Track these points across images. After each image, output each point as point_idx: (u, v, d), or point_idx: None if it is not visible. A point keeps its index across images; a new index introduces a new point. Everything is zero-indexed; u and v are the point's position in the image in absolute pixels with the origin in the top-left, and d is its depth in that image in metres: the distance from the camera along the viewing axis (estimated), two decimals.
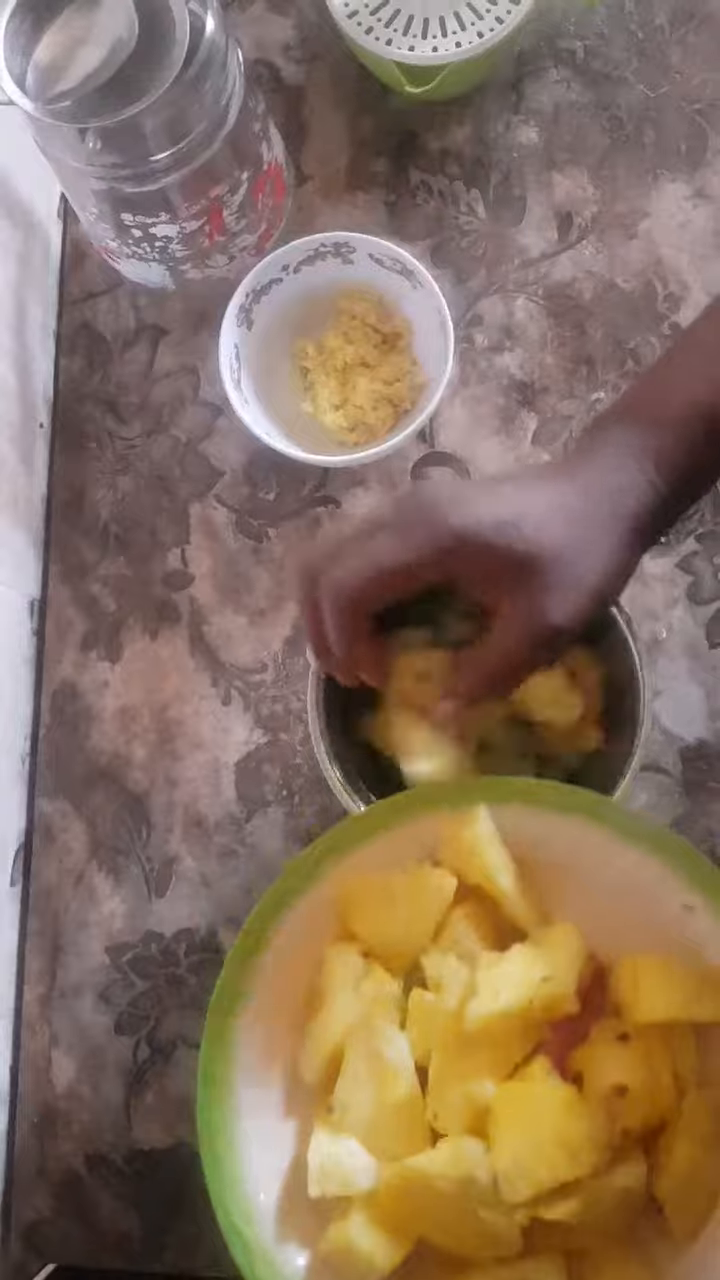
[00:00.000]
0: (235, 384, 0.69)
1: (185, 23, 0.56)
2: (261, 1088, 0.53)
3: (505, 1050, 0.50)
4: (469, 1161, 0.47)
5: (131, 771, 0.72)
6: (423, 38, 0.69)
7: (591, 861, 0.52)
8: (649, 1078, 0.49)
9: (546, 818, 0.52)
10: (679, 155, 0.74)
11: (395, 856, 0.53)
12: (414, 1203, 0.48)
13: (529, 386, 0.73)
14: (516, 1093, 0.49)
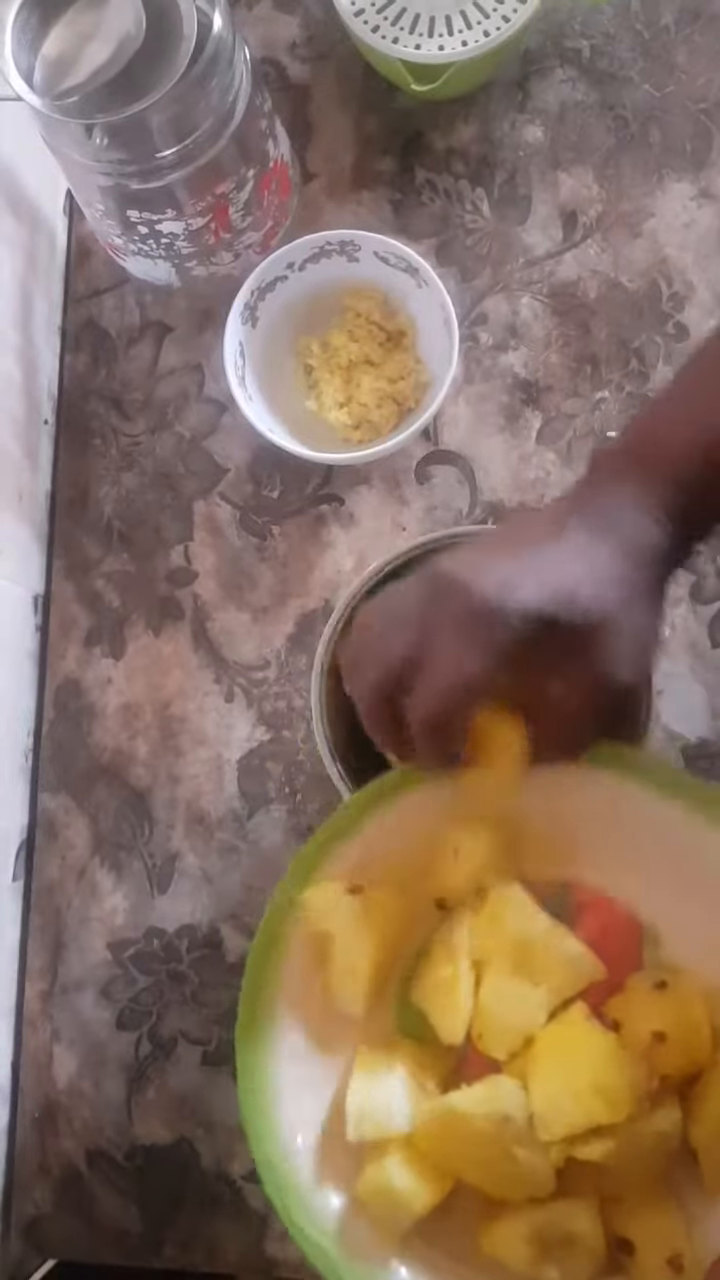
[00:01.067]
0: (240, 381, 0.70)
1: (193, 19, 0.56)
2: (299, 1031, 0.53)
3: (557, 983, 0.51)
4: (505, 1100, 0.48)
5: (134, 768, 0.72)
6: (429, 36, 0.69)
7: (630, 816, 0.52)
8: (686, 1026, 0.50)
9: (585, 772, 0.52)
10: (684, 155, 0.74)
11: (441, 805, 0.53)
12: (450, 1142, 0.49)
13: (533, 385, 0.73)
14: (556, 1036, 0.50)
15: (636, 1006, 0.51)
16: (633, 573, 0.48)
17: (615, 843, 0.53)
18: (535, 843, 0.54)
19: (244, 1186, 0.69)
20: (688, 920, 0.52)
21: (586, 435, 0.73)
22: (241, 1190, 0.69)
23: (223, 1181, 0.69)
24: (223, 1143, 0.69)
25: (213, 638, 0.73)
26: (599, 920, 0.53)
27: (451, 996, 0.51)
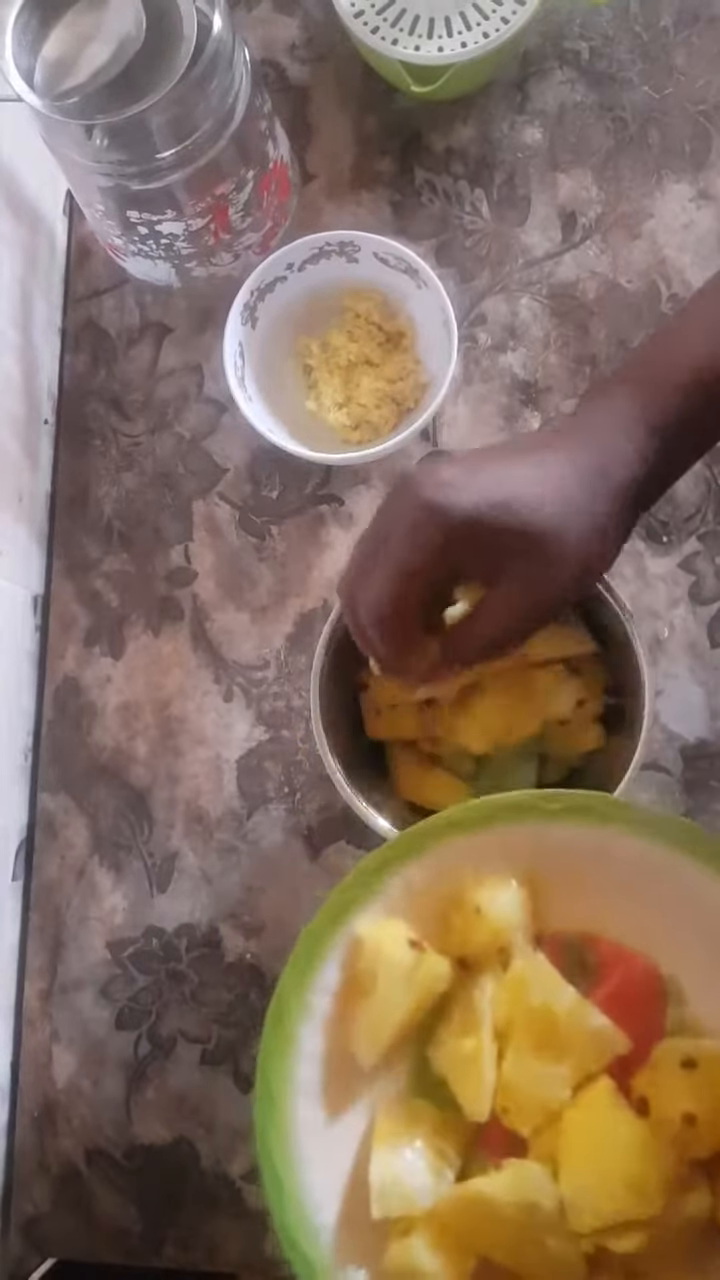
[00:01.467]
0: (239, 381, 0.70)
1: (193, 21, 0.56)
2: (319, 1103, 0.51)
3: (581, 1058, 0.49)
4: (534, 1187, 0.47)
5: (133, 767, 0.73)
6: (428, 38, 0.70)
7: (651, 870, 0.51)
8: (716, 1105, 0.48)
9: (607, 828, 0.51)
10: (683, 156, 0.74)
11: (462, 863, 0.52)
12: (476, 1224, 0.48)
13: (532, 386, 0.74)
14: (585, 1119, 0.49)
15: (665, 1086, 0.49)
16: (585, 486, 0.48)
17: (636, 896, 0.52)
18: (556, 894, 0.53)
19: (243, 1186, 0.69)
20: (712, 976, 0.51)
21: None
22: (241, 1190, 0.69)
23: (222, 1181, 0.69)
24: (222, 1142, 0.69)
25: (212, 637, 0.73)
26: (620, 976, 0.52)
27: (476, 1071, 0.50)
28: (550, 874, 0.52)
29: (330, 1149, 0.51)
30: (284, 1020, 0.50)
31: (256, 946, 0.70)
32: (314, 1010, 0.51)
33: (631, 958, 0.52)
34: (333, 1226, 0.50)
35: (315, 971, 0.51)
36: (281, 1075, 0.50)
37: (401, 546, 0.48)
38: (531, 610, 0.50)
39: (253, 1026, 0.70)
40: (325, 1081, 0.51)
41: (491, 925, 0.51)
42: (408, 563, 0.48)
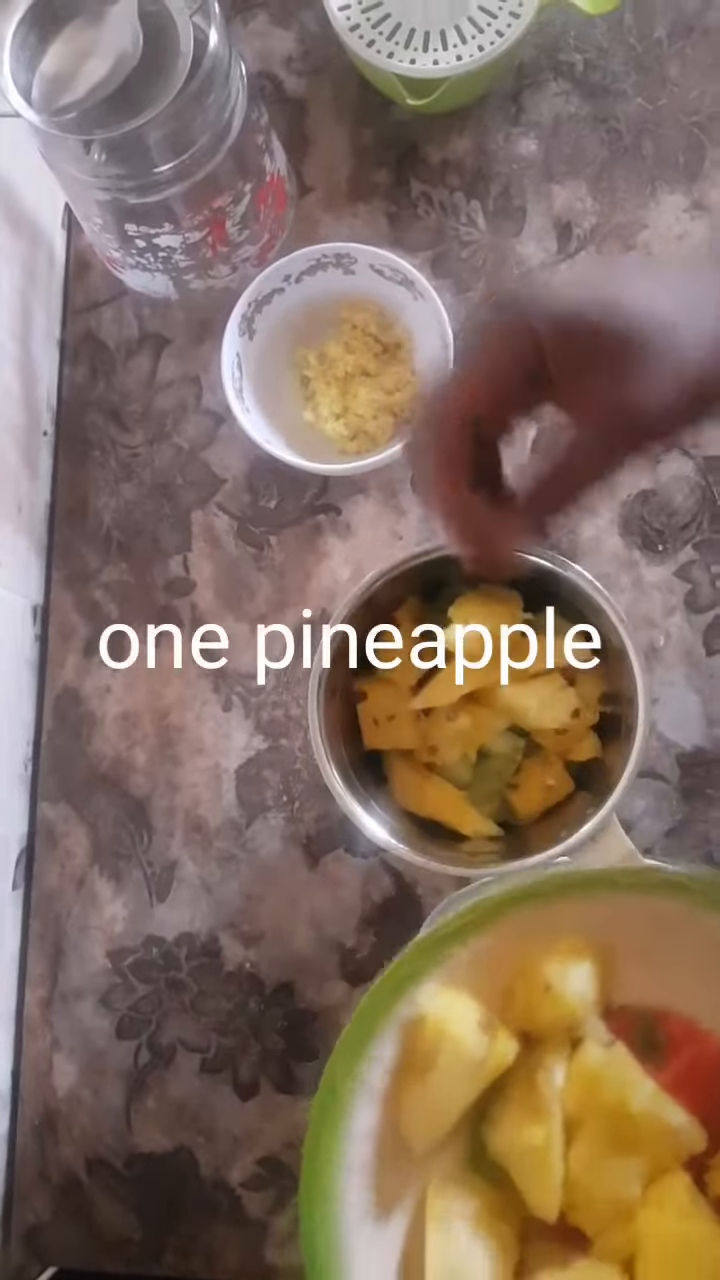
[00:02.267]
0: (237, 393, 0.70)
1: (189, 36, 0.57)
2: (369, 1187, 0.48)
3: (656, 1154, 0.48)
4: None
5: (133, 776, 0.73)
6: (424, 51, 0.70)
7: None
8: None
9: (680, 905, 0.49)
10: (677, 167, 0.75)
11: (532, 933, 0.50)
12: None
13: None
14: (662, 1222, 0.47)
15: None
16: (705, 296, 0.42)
17: (712, 973, 0.50)
18: (627, 965, 0.51)
19: (243, 1194, 0.69)
20: None
21: None
22: (240, 1198, 0.69)
23: (221, 1189, 0.69)
24: (222, 1150, 0.70)
25: (210, 648, 0.73)
26: (691, 1056, 0.50)
27: (545, 1166, 0.47)
28: (623, 945, 0.51)
29: (379, 1232, 0.48)
30: (336, 1097, 0.47)
31: (256, 955, 0.71)
32: (368, 1087, 0.48)
33: (705, 1037, 0.50)
34: None
35: (370, 1046, 0.48)
36: (330, 1157, 0.47)
37: (500, 352, 0.43)
38: (618, 428, 0.44)
39: (252, 1035, 0.70)
40: (376, 1164, 0.48)
41: (562, 1004, 0.48)
42: (503, 365, 0.43)
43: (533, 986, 0.49)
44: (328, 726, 0.59)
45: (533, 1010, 0.49)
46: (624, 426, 0.44)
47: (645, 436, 0.44)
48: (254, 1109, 0.70)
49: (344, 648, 0.59)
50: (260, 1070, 0.70)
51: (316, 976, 0.70)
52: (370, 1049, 0.48)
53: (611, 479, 0.46)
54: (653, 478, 0.72)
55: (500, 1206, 0.49)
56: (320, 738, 0.57)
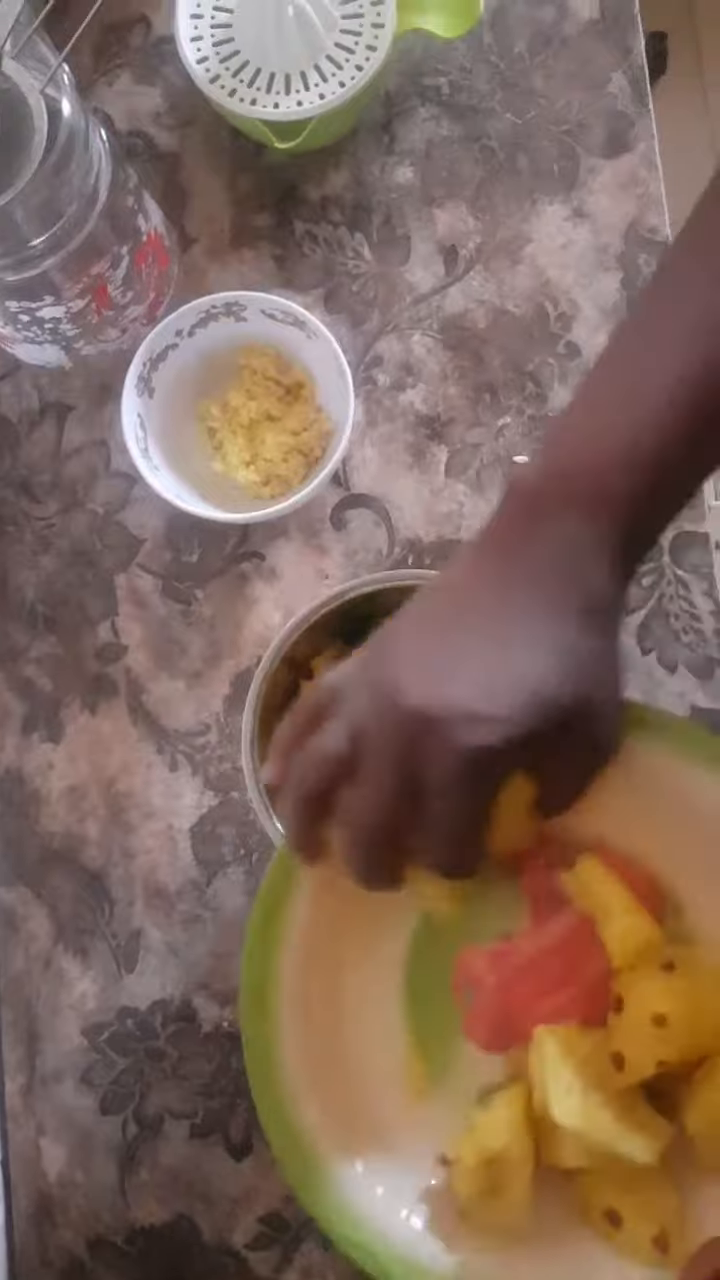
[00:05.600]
0: (143, 452, 0.70)
1: (42, 111, 0.57)
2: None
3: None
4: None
5: (86, 849, 0.72)
6: (286, 93, 0.70)
7: (653, 779, 0.50)
8: (692, 1010, 0.48)
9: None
10: (553, 177, 0.75)
11: None
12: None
13: (435, 420, 0.74)
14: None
15: (640, 987, 0.49)
16: (597, 636, 0.44)
17: (640, 803, 0.51)
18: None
19: (248, 1255, 0.68)
20: (708, 885, 0.51)
21: (494, 463, 0.73)
22: (246, 1260, 0.68)
23: (226, 1253, 0.68)
24: (221, 1214, 0.69)
25: (150, 709, 0.73)
26: (622, 877, 0.51)
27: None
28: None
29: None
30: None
31: (232, 1013, 0.70)
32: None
33: (634, 865, 0.52)
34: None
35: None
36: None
37: (457, 802, 0.43)
38: (600, 770, 0.48)
39: (237, 1093, 0.69)
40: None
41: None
42: (471, 811, 0.44)
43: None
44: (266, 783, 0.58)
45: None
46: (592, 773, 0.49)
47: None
48: (249, 1167, 0.69)
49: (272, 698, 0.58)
50: (250, 1128, 0.69)
51: None
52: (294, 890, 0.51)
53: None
54: None
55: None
56: (258, 796, 0.57)
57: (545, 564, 0.44)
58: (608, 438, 0.45)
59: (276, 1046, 0.52)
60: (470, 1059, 0.52)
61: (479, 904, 0.52)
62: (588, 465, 0.45)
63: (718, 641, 0.70)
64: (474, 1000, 0.51)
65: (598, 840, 0.52)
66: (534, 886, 0.53)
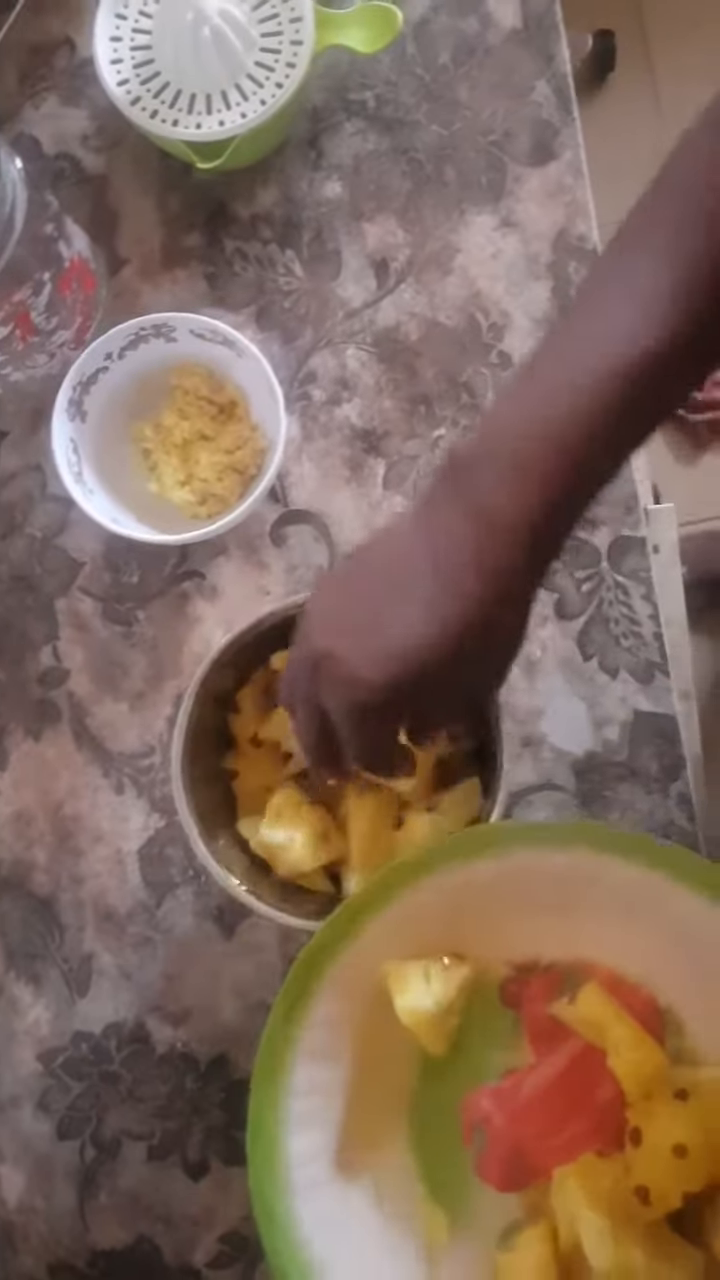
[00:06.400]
0: (76, 477, 0.70)
1: None
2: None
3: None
4: None
5: (35, 875, 0.72)
6: (208, 113, 0.70)
7: (645, 901, 0.51)
8: (708, 1136, 0.48)
9: (601, 859, 0.51)
10: (481, 188, 0.75)
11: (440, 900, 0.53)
12: None
13: (372, 433, 0.74)
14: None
15: (658, 1116, 0.50)
16: (494, 597, 0.47)
17: (630, 924, 0.52)
18: (551, 921, 0.53)
19: (210, 1275, 0.68)
20: (708, 1005, 0.51)
21: (431, 474, 0.73)
22: (206, 1279, 0.68)
23: (187, 1273, 0.68)
24: (182, 1234, 0.69)
25: (94, 733, 0.73)
26: (621, 1002, 0.52)
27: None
28: (544, 902, 0.52)
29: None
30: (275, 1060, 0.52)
31: (185, 1034, 0.70)
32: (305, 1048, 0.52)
33: (632, 987, 0.52)
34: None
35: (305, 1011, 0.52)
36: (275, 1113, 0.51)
37: (356, 735, 0.50)
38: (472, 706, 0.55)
39: (193, 1113, 0.69)
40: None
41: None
42: (371, 740, 0.50)
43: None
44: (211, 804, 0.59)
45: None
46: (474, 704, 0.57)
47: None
48: (207, 1187, 0.69)
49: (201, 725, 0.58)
50: (207, 1148, 0.69)
51: (249, 1045, 0.69)
52: (306, 1009, 0.52)
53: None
54: None
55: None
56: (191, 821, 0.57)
57: (453, 521, 0.47)
58: (534, 415, 0.47)
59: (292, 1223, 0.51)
60: (488, 1200, 0.52)
61: (478, 1042, 0.53)
62: (512, 439, 0.47)
63: (658, 645, 0.71)
64: (485, 1141, 0.51)
65: (592, 965, 0.53)
66: (533, 1018, 0.53)
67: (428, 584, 0.47)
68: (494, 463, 0.47)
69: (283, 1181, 0.50)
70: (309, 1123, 0.52)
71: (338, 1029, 0.53)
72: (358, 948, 0.52)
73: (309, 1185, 0.51)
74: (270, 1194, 0.50)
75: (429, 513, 0.49)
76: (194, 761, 0.58)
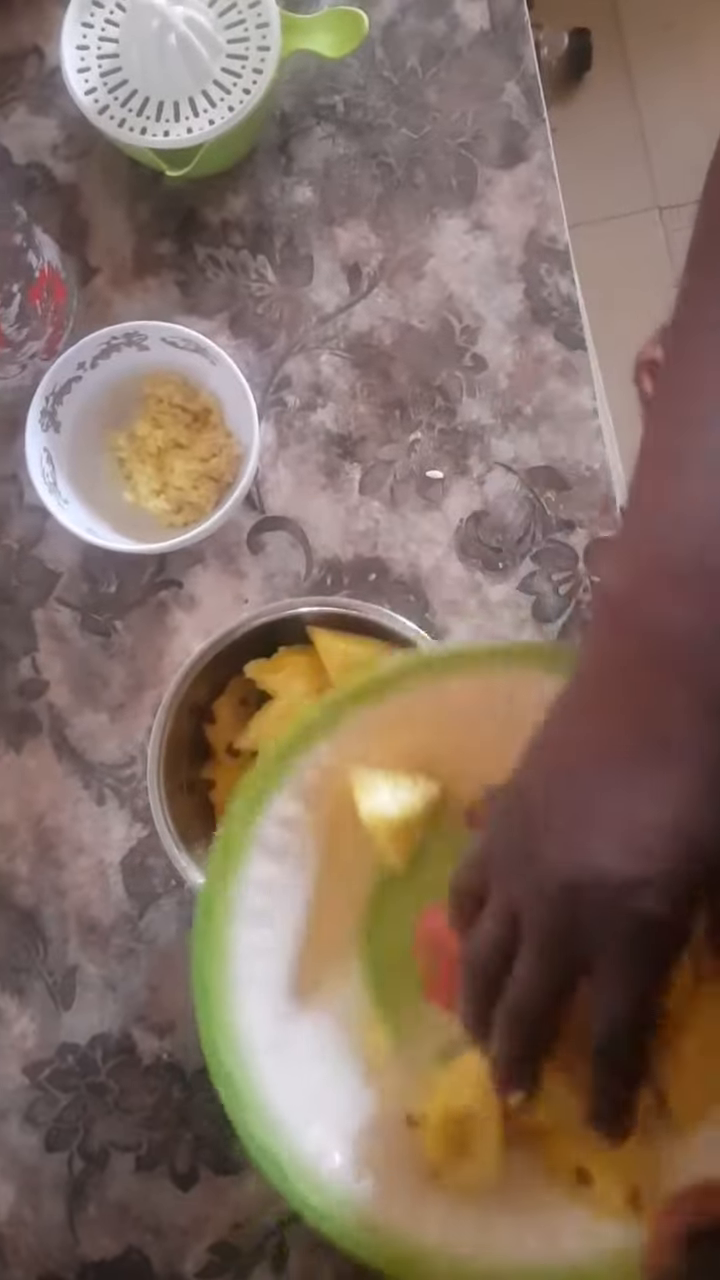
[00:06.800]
0: (51, 488, 0.70)
1: None
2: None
3: None
4: None
5: (17, 888, 0.72)
6: (176, 120, 0.70)
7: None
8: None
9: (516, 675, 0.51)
10: (452, 191, 0.75)
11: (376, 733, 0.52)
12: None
13: (347, 438, 0.74)
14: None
15: None
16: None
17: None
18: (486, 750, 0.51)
19: None
20: None
21: (407, 478, 0.73)
22: None
23: None
24: (171, 1244, 0.69)
25: (74, 744, 0.73)
26: None
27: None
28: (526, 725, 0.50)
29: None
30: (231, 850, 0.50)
31: (171, 1044, 0.70)
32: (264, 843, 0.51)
33: None
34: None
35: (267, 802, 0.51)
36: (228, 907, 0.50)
37: (631, 974, 0.38)
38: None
39: (181, 1123, 0.69)
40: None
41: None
42: (646, 997, 0.39)
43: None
44: (189, 814, 0.59)
45: None
46: None
47: None
48: (196, 1197, 0.69)
49: (176, 737, 0.58)
50: (195, 1157, 0.69)
51: None
52: (267, 804, 0.51)
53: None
54: (481, 498, 0.73)
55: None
56: (168, 830, 0.57)
57: (659, 671, 0.39)
58: (692, 516, 0.39)
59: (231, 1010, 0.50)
60: (430, 1019, 0.51)
61: (439, 863, 0.52)
62: (678, 550, 0.39)
63: None
64: (437, 961, 0.50)
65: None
66: None
67: (668, 746, 0.38)
68: (676, 591, 0.39)
69: (229, 973, 0.50)
70: (261, 919, 0.51)
71: (297, 829, 0.52)
72: (330, 749, 0.51)
73: (255, 982, 0.51)
74: (214, 981, 0.50)
75: (612, 659, 0.40)
76: (171, 772, 0.58)
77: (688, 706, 0.38)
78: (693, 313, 0.43)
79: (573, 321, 0.73)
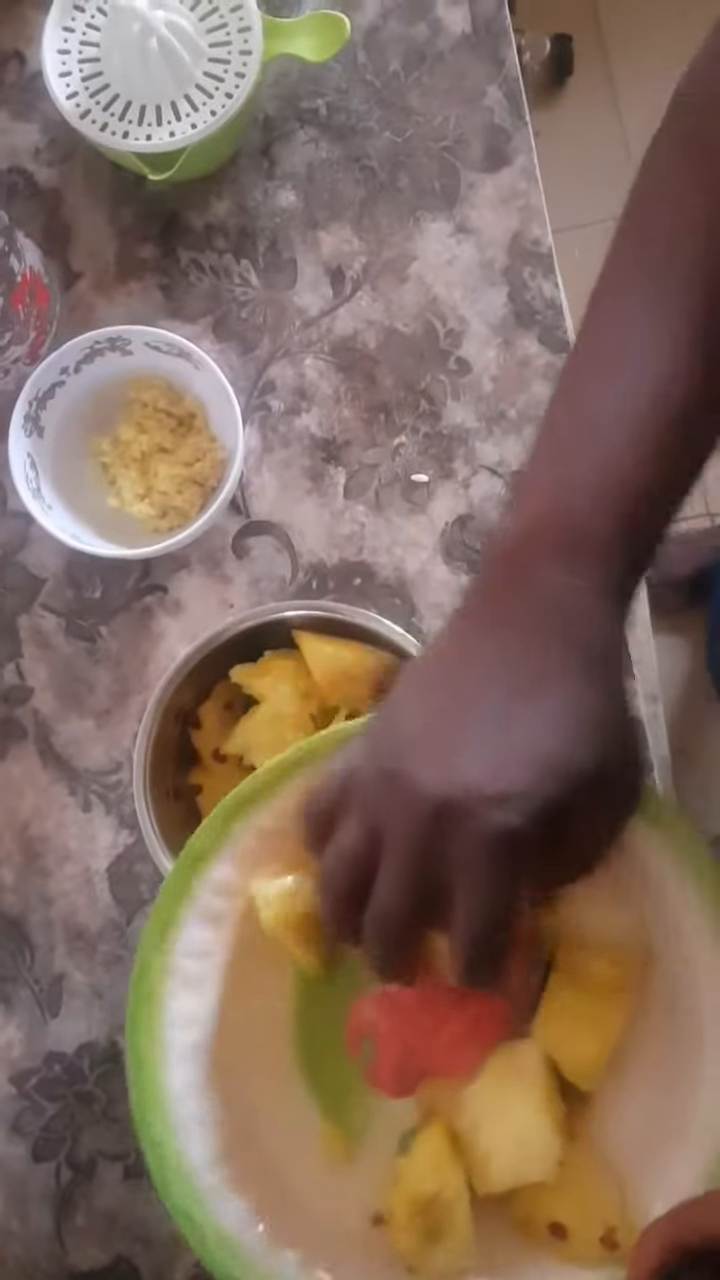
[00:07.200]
0: (34, 493, 0.69)
1: None
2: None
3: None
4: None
5: (3, 896, 0.71)
6: (158, 124, 0.70)
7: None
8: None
9: None
10: (435, 194, 0.75)
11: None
12: None
13: (331, 443, 0.74)
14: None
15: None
16: (602, 687, 0.41)
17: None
18: None
19: None
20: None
21: (392, 482, 0.73)
22: None
23: None
24: (160, 1254, 0.68)
25: (60, 750, 0.72)
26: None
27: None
28: None
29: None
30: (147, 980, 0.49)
31: None
32: (180, 972, 0.50)
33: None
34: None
35: (174, 931, 0.49)
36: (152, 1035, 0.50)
37: (488, 888, 0.40)
38: (616, 833, 0.44)
39: None
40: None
41: None
42: (502, 898, 0.40)
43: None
44: (176, 820, 0.58)
45: None
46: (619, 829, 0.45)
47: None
48: None
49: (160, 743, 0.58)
50: None
51: None
52: (173, 934, 0.49)
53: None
54: (466, 501, 0.73)
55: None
56: (155, 837, 0.57)
57: (537, 624, 0.42)
58: (576, 484, 0.43)
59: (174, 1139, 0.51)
60: (383, 1111, 0.51)
61: (355, 958, 0.51)
62: (561, 515, 0.42)
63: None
64: (373, 1050, 0.50)
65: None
66: None
67: (536, 685, 0.41)
68: (552, 551, 0.42)
69: (170, 1121, 0.50)
70: (184, 1058, 0.51)
71: (209, 958, 0.51)
72: (229, 857, 0.50)
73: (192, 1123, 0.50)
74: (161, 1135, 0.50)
75: (496, 614, 0.43)
76: (157, 777, 0.57)
77: (562, 654, 0.41)
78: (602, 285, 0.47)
79: (556, 325, 0.73)
